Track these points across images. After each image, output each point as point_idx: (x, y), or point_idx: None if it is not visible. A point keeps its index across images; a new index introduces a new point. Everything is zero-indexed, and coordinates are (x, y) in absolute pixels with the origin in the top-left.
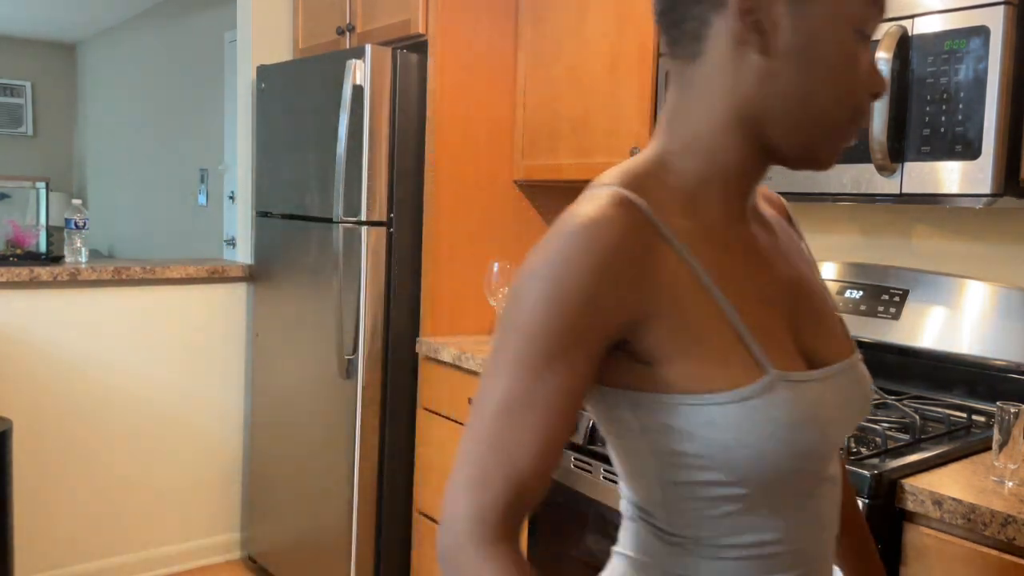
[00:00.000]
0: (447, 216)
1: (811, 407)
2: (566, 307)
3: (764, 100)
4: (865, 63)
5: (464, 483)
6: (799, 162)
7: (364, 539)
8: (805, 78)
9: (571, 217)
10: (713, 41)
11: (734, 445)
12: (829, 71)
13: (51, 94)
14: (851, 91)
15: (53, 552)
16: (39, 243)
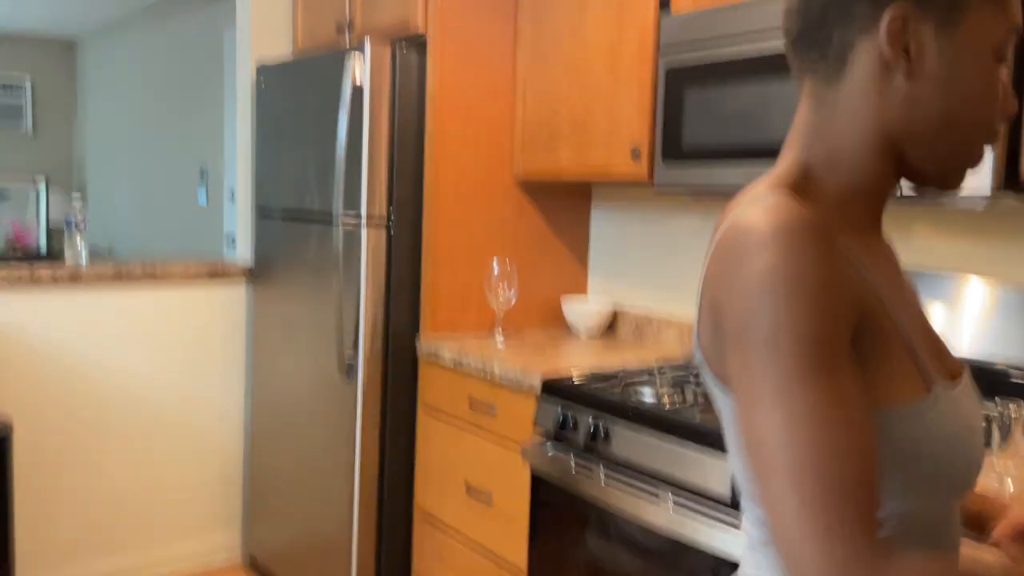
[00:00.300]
0: (447, 216)
1: (966, 418)
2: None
3: (907, 124)
4: (998, 88)
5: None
6: (932, 182)
7: (364, 539)
8: (948, 103)
9: (762, 223)
10: (858, 63)
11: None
12: (971, 96)
13: (51, 92)
14: (990, 114)
15: (53, 552)
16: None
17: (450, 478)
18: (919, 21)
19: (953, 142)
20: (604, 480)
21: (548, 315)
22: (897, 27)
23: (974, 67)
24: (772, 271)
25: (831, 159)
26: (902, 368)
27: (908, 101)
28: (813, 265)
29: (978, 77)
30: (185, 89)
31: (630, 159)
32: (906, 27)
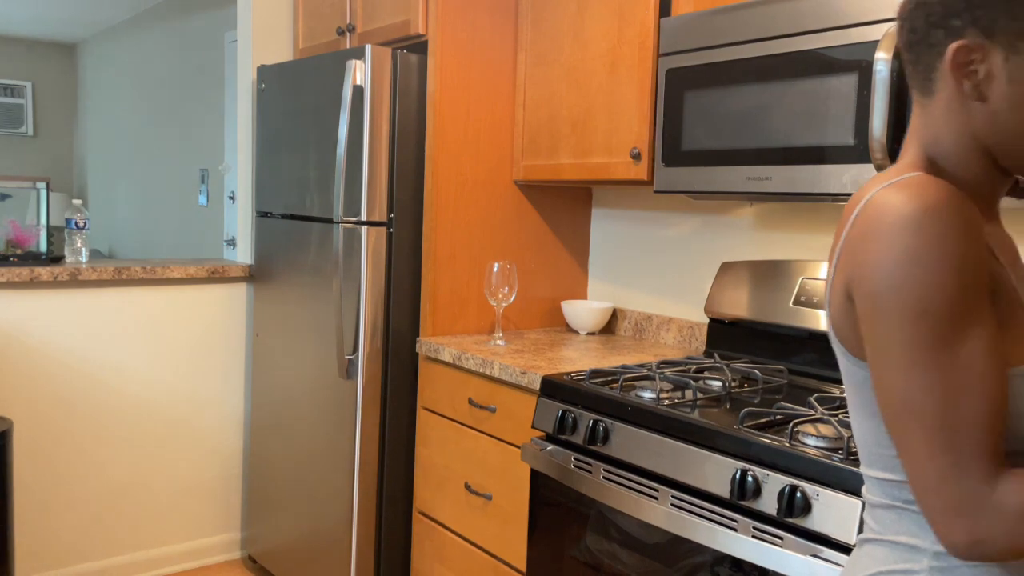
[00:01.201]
0: (447, 216)
1: None
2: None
3: (991, 136)
4: None
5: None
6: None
7: (364, 539)
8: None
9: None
10: (941, 84)
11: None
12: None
13: (51, 94)
14: None
15: (53, 552)
16: (39, 243)
17: (450, 477)
18: (987, 50)
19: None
20: (603, 479)
21: (548, 315)
22: (961, 58)
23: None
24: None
25: (940, 157)
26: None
27: (988, 117)
28: (956, 242)
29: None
30: (186, 91)
31: (630, 161)
32: (970, 57)
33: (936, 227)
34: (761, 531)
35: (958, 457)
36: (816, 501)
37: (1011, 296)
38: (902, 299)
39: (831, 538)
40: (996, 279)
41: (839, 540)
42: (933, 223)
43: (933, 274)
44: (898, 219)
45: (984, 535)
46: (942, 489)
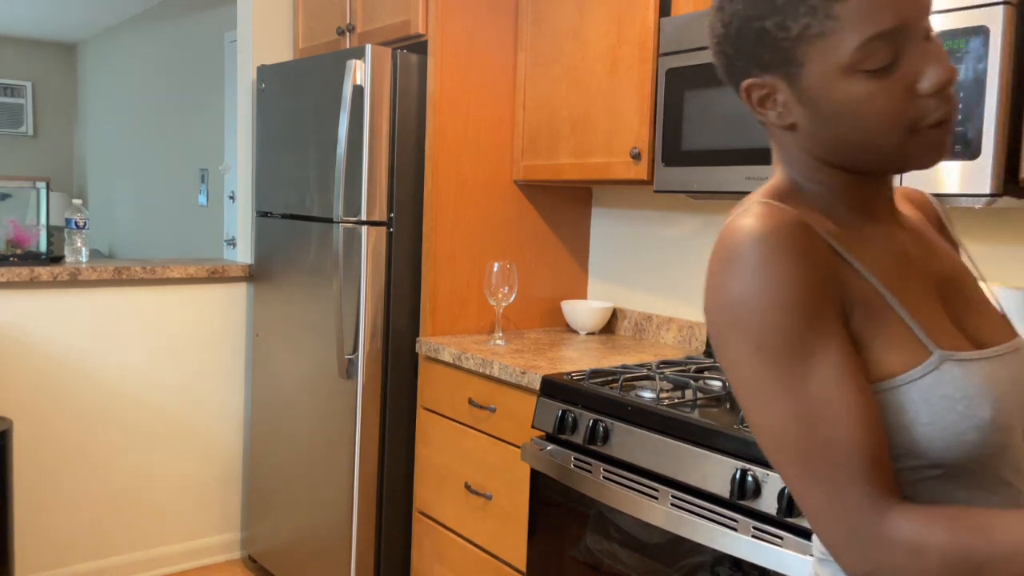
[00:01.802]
0: (447, 216)
1: (982, 382)
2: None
3: (822, 150)
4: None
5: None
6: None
7: (364, 539)
8: (838, 131)
9: (744, 229)
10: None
11: (912, 424)
12: (848, 120)
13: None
14: (887, 120)
15: (53, 552)
16: (39, 243)
17: (449, 477)
18: (771, 82)
19: (868, 152)
20: (603, 479)
21: (548, 315)
22: (755, 95)
23: (836, 95)
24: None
25: (799, 177)
26: (898, 338)
27: (804, 139)
28: (790, 272)
29: (843, 102)
30: (186, 91)
31: (630, 161)
32: (761, 93)
33: (768, 260)
34: (761, 531)
35: (834, 488)
36: None
37: (877, 307)
38: (740, 334)
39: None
40: (858, 295)
41: None
42: (765, 256)
43: (765, 308)
44: (732, 253)
45: (876, 567)
46: (827, 523)
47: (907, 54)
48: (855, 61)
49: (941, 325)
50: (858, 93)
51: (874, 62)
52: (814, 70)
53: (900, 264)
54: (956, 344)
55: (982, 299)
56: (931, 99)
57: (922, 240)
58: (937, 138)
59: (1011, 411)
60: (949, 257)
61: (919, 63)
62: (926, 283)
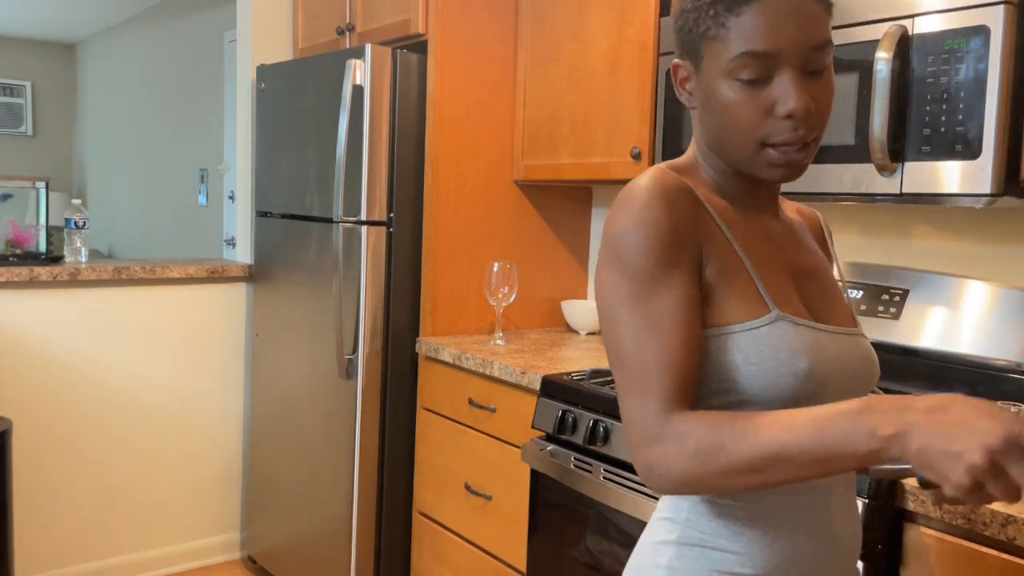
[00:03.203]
0: (447, 216)
1: (807, 342)
2: (658, 234)
3: (705, 137)
4: (760, 100)
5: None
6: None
7: (364, 539)
8: (713, 122)
9: (636, 184)
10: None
11: (741, 364)
12: (720, 116)
13: (51, 94)
14: (745, 127)
15: (53, 552)
16: (39, 243)
17: (449, 478)
18: (686, 66)
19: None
20: (603, 479)
21: (548, 315)
22: (677, 75)
23: (716, 96)
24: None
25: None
26: (745, 295)
27: (700, 122)
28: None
29: (720, 102)
30: (185, 91)
31: (630, 160)
32: (681, 73)
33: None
34: None
35: (643, 395)
36: None
37: (733, 266)
38: (610, 262)
39: None
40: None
41: None
42: (645, 202)
43: (632, 242)
44: (622, 199)
45: (656, 461)
46: (631, 424)
47: (778, 79)
48: (731, 68)
49: (787, 296)
50: (729, 96)
51: (745, 74)
52: (708, 66)
53: (765, 245)
54: (797, 312)
55: (837, 295)
56: (783, 122)
57: (794, 237)
58: (780, 158)
59: (827, 372)
60: (815, 257)
61: (784, 90)
62: (784, 266)
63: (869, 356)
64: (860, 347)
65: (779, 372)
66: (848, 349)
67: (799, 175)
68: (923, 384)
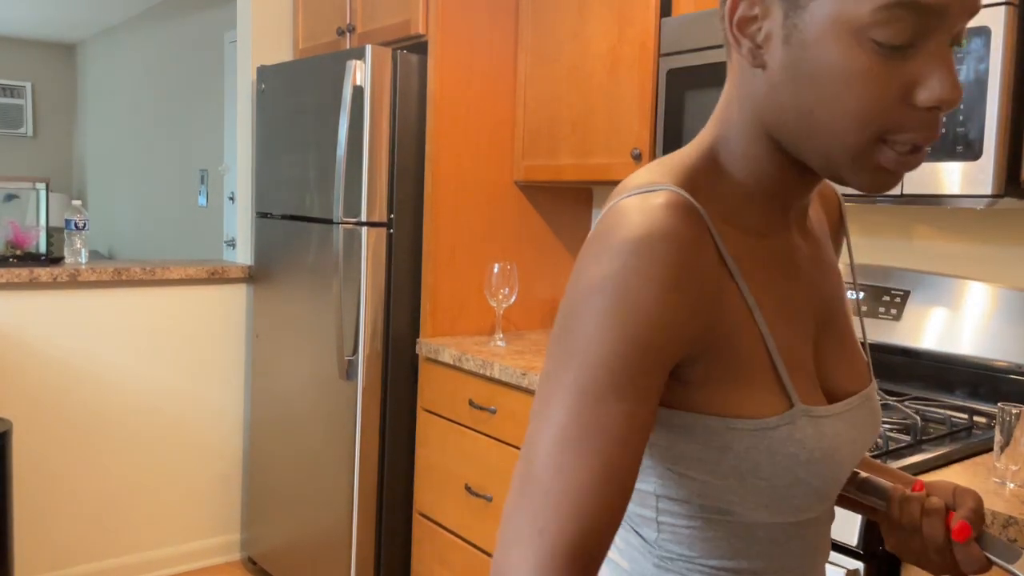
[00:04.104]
0: (447, 216)
1: (829, 445)
2: (635, 328)
3: (770, 114)
4: (896, 76)
5: (515, 537)
6: (831, 177)
7: (364, 540)
8: (806, 94)
9: (628, 224)
10: (730, 51)
11: (748, 475)
12: (829, 87)
13: (51, 94)
14: (866, 108)
15: (53, 553)
16: (39, 244)
17: (450, 478)
18: (762, 5)
19: (823, 135)
20: None
21: (548, 316)
22: (741, 12)
23: (829, 55)
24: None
25: (727, 144)
26: (760, 383)
27: (768, 89)
28: (646, 286)
29: (835, 65)
30: (185, 91)
31: (631, 161)
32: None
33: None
34: None
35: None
36: None
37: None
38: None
39: (832, 539)
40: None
41: (840, 541)
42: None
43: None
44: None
45: None
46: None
47: (925, 49)
48: (871, 22)
49: (806, 371)
50: (854, 61)
51: (889, 35)
52: (821, 11)
53: (786, 285)
54: (814, 395)
55: (848, 333)
56: (921, 113)
57: (819, 260)
58: (895, 160)
59: (844, 476)
60: (835, 278)
61: (930, 67)
62: (807, 320)
63: (876, 424)
64: (871, 414)
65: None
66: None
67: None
68: (923, 385)
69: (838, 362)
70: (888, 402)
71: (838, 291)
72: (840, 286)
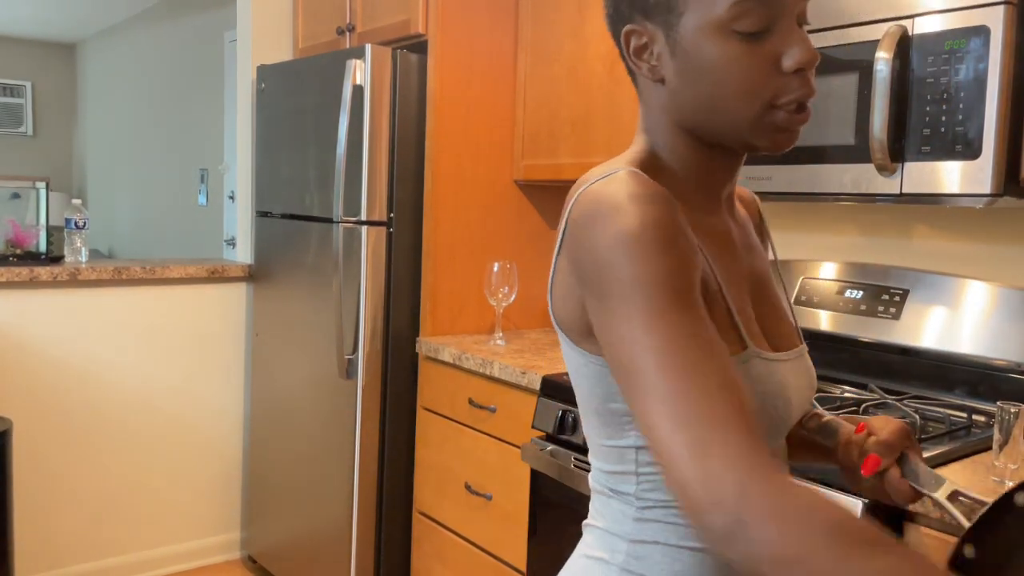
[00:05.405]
0: (447, 216)
1: (779, 383)
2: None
3: (678, 112)
4: (763, 54)
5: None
6: (749, 150)
7: (364, 539)
8: (700, 89)
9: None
10: (635, 73)
11: None
12: (713, 80)
13: (51, 94)
14: (750, 87)
15: (53, 552)
16: (39, 243)
17: (450, 478)
18: (651, 31)
19: (727, 118)
20: None
21: (548, 315)
22: (634, 43)
23: (707, 54)
24: (629, 230)
25: (657, 147)
26: (723, 329)
27: (670, 95)
28: (663, 225)
29: (714, 60)
30: (185, 91)
31: None
32: (641, 41)
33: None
34: None
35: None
36: None
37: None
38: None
39: None
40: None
41: None
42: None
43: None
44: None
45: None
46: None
47: (778, 29)
48: (729, 18)
49: (750, 323)
50: (726, 53)
51: (746, 24)
52: (691, 21)
53: (729, 257)
54: (760, 343)
55: (781, 303)
56: (792, 78)
57: (745, 237)
58: (790, 121)
59: (787, 414)
60: (763, 259)
61: (787, 40)
62: (744, 280)
63: (811, 379)
64: (808, 369)
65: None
66: (798, 375)
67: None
68: (922, 384)
69: (772, 324)
70: (887, 401)
71: (764, 267)
72: (767, 264)
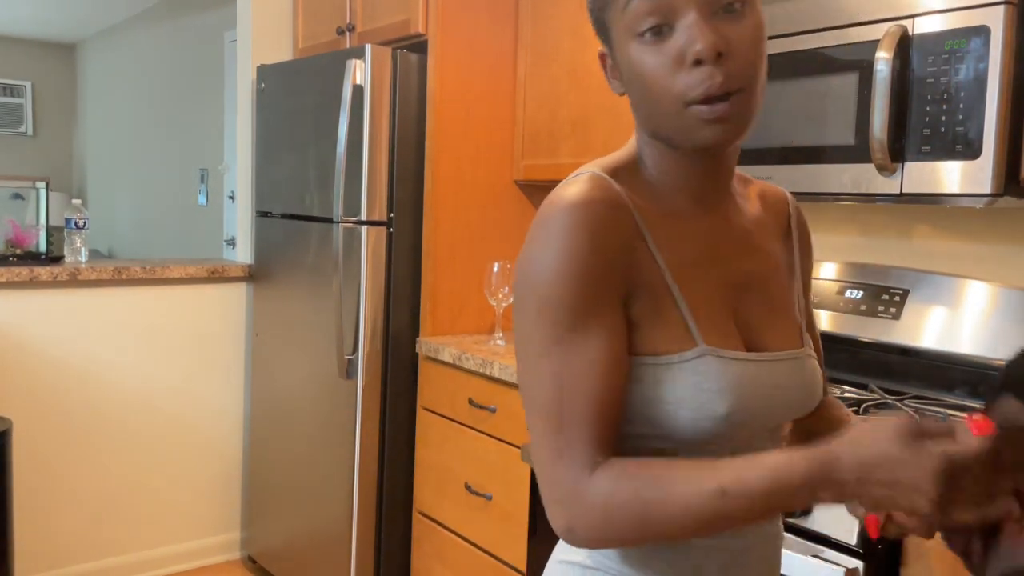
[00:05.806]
0: (447, 216)
1: (736, 380)
2: (583, 274)
3: (640, 122)
4: (667, 53)
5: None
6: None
7: (364, 539)
8: (635, 98)
9: (559, 199)
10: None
11: (658, 400)
12: (638, 87)
13: (51, 94)
14: (661, 87)
15: (53, 552)
16: (39, 243)
17: (449, 478)
18: (606, 51)
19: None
20: None
21: None
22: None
23: (627, 60)
24: (543, 246)
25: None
26: (671, 328)
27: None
28: (585, 243)
29: (631, 66)
30: (185, 91)
31: None
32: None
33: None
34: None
35: (563, 445)
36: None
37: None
38: (531, 291)
39: (831, 538)
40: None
41: (839, 541)
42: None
43: (552, 276)
44: (543, 219)
45: (575, 524)
46: (549, 476)
47: (681, 25)
48: (631, 23)
49: (717, 323)
50: (638, 58)
51: (645, 24)
52: (615, 36)
53: (703, 258)
54: (727, 343)
55: (783, 306)
56: (695, 71)
57: (743, 240)
58: (709, 112)
59: (752, 411)
60: (764, 262)
61: (686, 35)
62: (721, 282)
63: (809, 381)
64: (800, 371)
65: (697, 414)
66: (785, 376)
67: (738, 135)
68: (923, 384)
69: (764, 324)
70: (887, 401)
71: (766, 268)
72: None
